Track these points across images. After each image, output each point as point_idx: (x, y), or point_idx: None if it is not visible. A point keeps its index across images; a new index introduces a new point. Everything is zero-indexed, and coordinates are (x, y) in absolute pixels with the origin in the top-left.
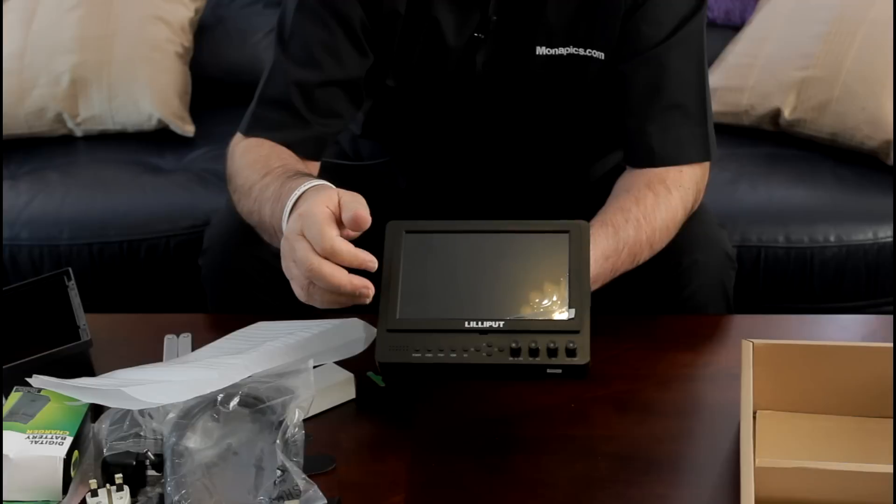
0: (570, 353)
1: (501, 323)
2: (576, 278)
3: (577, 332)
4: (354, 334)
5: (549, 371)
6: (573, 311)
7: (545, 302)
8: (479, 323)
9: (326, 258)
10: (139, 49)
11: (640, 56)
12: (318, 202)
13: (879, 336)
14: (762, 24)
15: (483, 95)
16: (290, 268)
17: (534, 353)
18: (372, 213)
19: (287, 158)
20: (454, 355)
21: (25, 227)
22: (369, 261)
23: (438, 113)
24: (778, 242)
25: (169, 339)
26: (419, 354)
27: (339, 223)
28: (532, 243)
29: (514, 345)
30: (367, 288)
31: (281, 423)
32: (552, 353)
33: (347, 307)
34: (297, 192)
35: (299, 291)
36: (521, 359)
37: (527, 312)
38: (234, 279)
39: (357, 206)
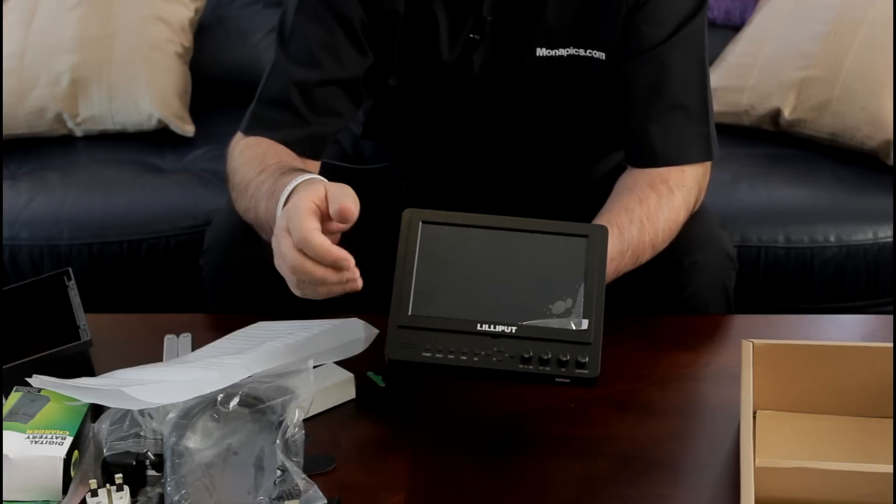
0: (581, 365)
1: (514, 328)
2: (591, 287)
3: (588, 343)
4: (354, 334)
5: (557, 380)
6: (586, 321)
7: (559, 309)
8: (492, 326)
9: (300, 249)
10: (139, 49)
11: (641, 56)
12: (304, 196)
13: (879, 336)
14: (762, 24)
15: (483, 96)
16: (280, 265)
17: (544, 362)
18: (373, 215)
19: (283, 155)
20: (464, 358)
21: (25, 227)
22: (343, 258)
23: (439, 113)
24: (778, 242)
25: (169, 339)
26: (429, 354)
27: (326, 217)
28: (550, 245)
29: (525, 354)
30: (349, 266)
31: (281, 423)
32: (562, 364)
33: (348, 306)
34: (290, 188)
35: (292, 286)
36: (530, 367)
37: (540, 319)
38: (235, 279)
39: (343, 198)
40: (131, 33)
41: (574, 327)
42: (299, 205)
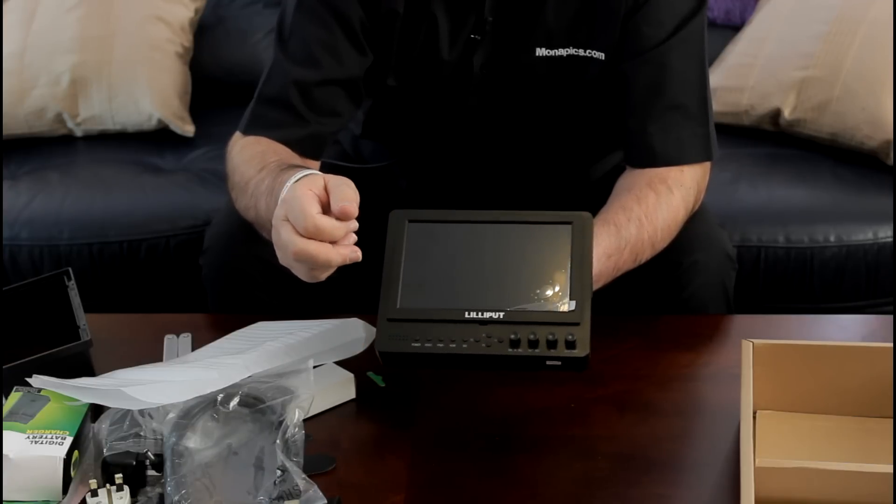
0: (570, 345)
1: (501, 314)
2: (577, 270)
3: (577, 324)
4: (354, 334)
5: (548, 363)
6: (574, 303)
7: (546, 293)
8: (479, 313)
9: (312, 237)
10: (139, 49)
11: (641, 56)
12: (301, 186)
13: (879, 336)
14: (762, 24)
15: (482, 96)
16: (281, 255)
17: (533, 344)
18: (372, 214)
19: (283, 153)
20: (453, 346)
21: (25, 227)
22: (354, 226)
23: (438, 113)
24: (778, 242)
25: (169, 339)
26: (418, 344)
27: (326, 207)
28: (534, 234)
29: (513, 336)
30: (355, 251)
31: (281, 423)
32: (551, 344)
33: (348, 306)
34: (289, 183)
35: (300, 274)
36: (520, 350)
37: (527, 304)
38: (235, 278)
39: (345, 190)
40: (131, 33)
41: (561, 309)
42: (297, 193)
